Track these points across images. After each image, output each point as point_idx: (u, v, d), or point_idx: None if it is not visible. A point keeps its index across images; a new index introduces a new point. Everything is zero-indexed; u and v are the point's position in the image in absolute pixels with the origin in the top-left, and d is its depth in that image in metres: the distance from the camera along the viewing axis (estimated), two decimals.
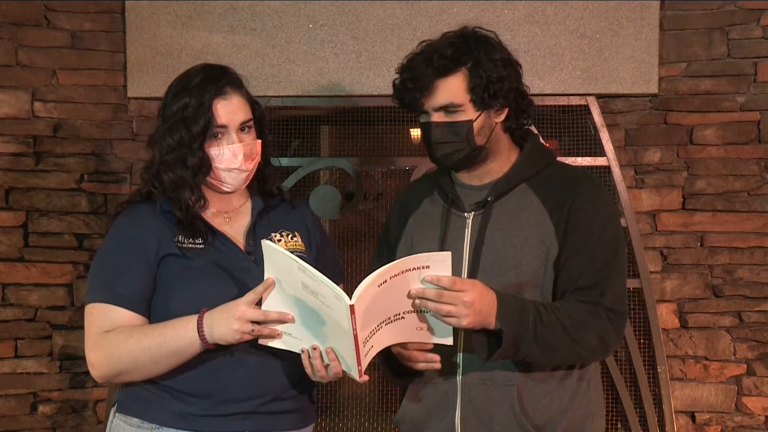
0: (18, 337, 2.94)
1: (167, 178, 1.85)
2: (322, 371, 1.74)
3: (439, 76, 1.83)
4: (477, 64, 1.83)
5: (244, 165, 1.88)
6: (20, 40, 2.96)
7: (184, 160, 1.84)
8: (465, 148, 1.86)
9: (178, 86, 1.87)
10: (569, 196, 1.86)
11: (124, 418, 1.86)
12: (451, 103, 1.84)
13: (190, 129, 1.83)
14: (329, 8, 2.97)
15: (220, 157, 1.86)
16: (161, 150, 1.86)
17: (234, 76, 1.90)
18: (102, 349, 1.79)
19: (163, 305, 1.82)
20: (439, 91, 1.83)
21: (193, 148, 1.83)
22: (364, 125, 3.06)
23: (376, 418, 3.07)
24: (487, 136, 1.88)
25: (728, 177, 2.95)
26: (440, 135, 1.86)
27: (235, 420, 1.81)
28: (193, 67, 1.93)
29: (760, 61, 2.93)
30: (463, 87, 1.83)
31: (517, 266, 1.84)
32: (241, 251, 1.89)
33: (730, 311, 2.95)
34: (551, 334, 1.76)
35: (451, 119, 1.85)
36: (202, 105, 1.82)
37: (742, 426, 2.94)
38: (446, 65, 1.82)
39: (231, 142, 1.86)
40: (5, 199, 2.95)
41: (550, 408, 1.84)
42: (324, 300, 1.66)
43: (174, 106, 1.85)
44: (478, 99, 1.83)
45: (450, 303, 1.67)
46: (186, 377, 1.80)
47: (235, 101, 1.87)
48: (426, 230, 1.97)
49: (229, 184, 1.90)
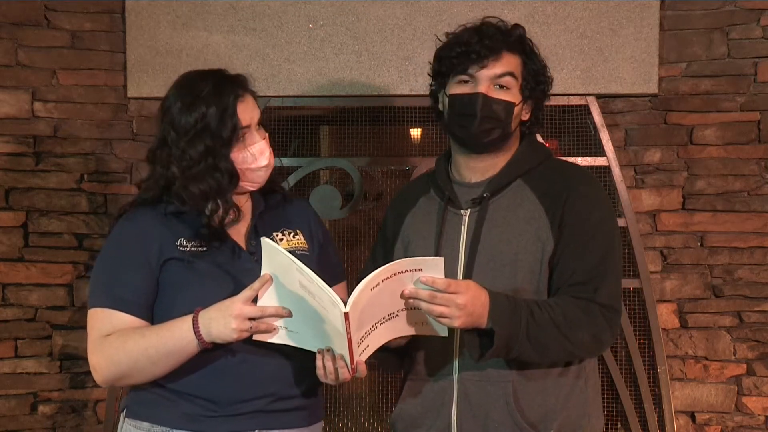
0: (18, 337, 2.94)
1: (197, 190, 1.82)
2: (333, 375, 1.74)
3: (508, 48, 1.90)
4: (531, 56, 1.94)
5: (271, 160, 1.90)
6: (20, 40, 2.96)
7: (214, 169, 1.82)
8: (502, 128, 1.89)
9: (187, 97, 1.83)
10: (564, 192, 1.87)
11: (134, 422, 1.86)
12: (511, 72, 1.89)
13: (219, 136, 1.81)
14: (329, 8, 2.97)
15: (252, 157, 1.86)
16: (182, 164, 1.82)
17: (244, 78, 1.91)
18: (102, 352, 1.80)
19: (166, 309, 1.82)
20: (504, 60, 1.89)
21: (225, 155, 1.82)
22: (364, 125, 3.06)
23: (376, 418, 3.07)
24: (517, 125, 1.94)
25: (728, 177, 2.95)
26: (486, 108, 1.87)
27: (244, 419, 1.81)
28: (186, 77, 1.90)
29: (760, 61, 2.93)
30: (520, 69, 1.92)
31: (513, 262, 1.85)
32: (243, 252, 1.88)
33: (730, 311, 2.95)
34: (544, 333, 1.76)
35: (501, 96, 1.88)
36: (226, 110, 1.81)
37: (742, 426, 2.94)
38: (515, 42, 1.92)
39: (254, 141, 1.86)
40: (5, 199, 2.95)
41: (546, 405, 1.85)
42: (320, 302, 1.66)
43: (190, 117, 1.82)
44: (528, 84, 1.92)
45: (443, 305, 1.68)
46: (193, 379, 1.80)
47: (250, 101, 1.88)
48: (422, 228, 1.97)
49: (255, 182, 1.90)
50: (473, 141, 1.91)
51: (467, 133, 1.89)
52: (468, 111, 1.88)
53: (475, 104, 1.86)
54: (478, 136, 1.88)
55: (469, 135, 1.89)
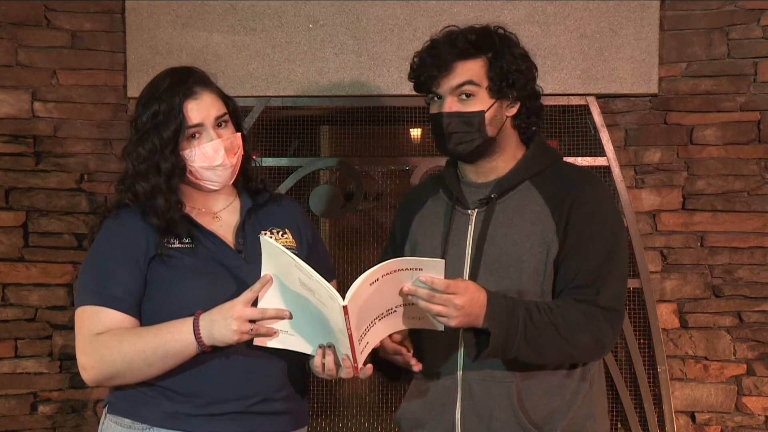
0: (18, 337, 2.94)
1: (141, 188, 1.83)
2: (333, 371, 1.74)
3: (460, 57, 1.86)
4: (498, 55, 1.87)
5: (227, 160, 1.86)
6: (20, 40, 2.96)
7: (158, 166, 1.82)
8: (476, 139, 1.88)
9: (147, 95, 1.86)
10: (570, 195, 1.87)
11: (115, 418, 1.85)
12: (469, 80, 1.86)
13: (162, 134, 1.81)
14: (329, 8, 2.97)
15: (202, 156, 1.84)
16: (134, 161, 1.84)
17: (201, 75, 1.89)
18: (94, 352, 1.79)
19: (154, 306, 1.82)
20: (458, 71, 1.86)
21: (165, 153, 1.82)
22: (364, 125, 3.06)
23: (376, 418, 3.07)
24: (498, 128, 1.90)
25: (728, 177, 2.95)
26: (453, 125, 1.87)
27: (224, 420, 1.80)
28: (159, 73, 1.91)
29: (760, 61, 2.93)
30: (482, 72, 1.87)
31: (518, 263, 1.85)
32: (231, 249, 1.88)
33: (730, 311, 2.95)
34: (541, 335, 1.76)
35: (464, 108, 1.87)
36: (172, 109, 1.81)
37: (742, 426, 2.94)
38: (469, 49, 1.86)
39: (210, 139, 1.85)
40: (5, 199, 2.95)
41: (550, 406, 1.85)
42: (320, 298, 1.66)
43: (144, 115, 1.83)
44: (494, 86, 1.87)
45: (441, 304, 1.68)
46: (177, 376, 1.79)
47: (207, 99, 1.86)
48: (430, 228, 1.98)
49: (214, 182, 1.88)
50: (455, 154, 1.93)
51: (445, 150, 1.93)
52: (438, 131, 1.91)
53: (441, 124, 1.88)
54: (454, 151, 1.90)
55: (447, 151, 1.93)
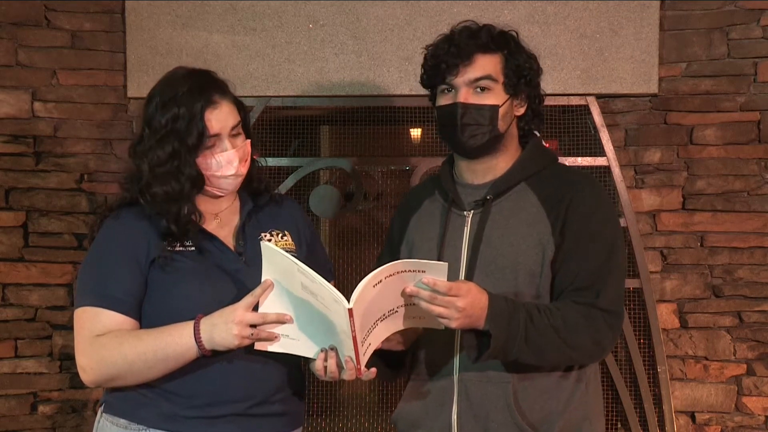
0: (18, 337, 2.94)
1: (160, 191, 1.82)
2: (336, 374, 1.74)
3: (480, 50, 1.89)
4: (514, 52, 1.91)
5: (240, 170, 1.87)
6: (20, 40, 2.96)
7: (178, 172, 1.81)
8: (487, 133, 1.89)
9: (165, 96, 1.83)
10: (567, 196, 1.87)
11: (111, 418, 1.85)
12: (488, 75, 1.87)
13: (184, 141, 1.80)
14: (329, 8, 2.97)
15: (216, 165, 1.84)
16: (151, 162, 1.82)
17: (220, 83, 1.88)
18: (95, 353, 1.78)
19: (154, 308, 1.81)
20: (479, 63, 1.88)
21: (189, 161, 1.81)
22: (364, 125, 3.06)
23: (376, 418, 3.07)
24: (508, 125, 1.92)
25: (728, 177, 2.95)
26: (468, 116, 1.87)
27: (222, 422, 1.80)
28: (173, 73, 1.90)
29: (760, 61, 2.93)
30: (500, 68, 1.90)
31: (514, 264, 1.85)
32: (231, 252, 1.88)
33: (730, 311, 2.95)
34: (542, 337, 1.76)
35: (480, 101, 1.88)
36: (194, 117, 1.80)
37: (742, 426, 2.94)
38: (489, 43, 1.89)
39: (224, 149, 1.84)
40: (5, 199, 2.95)
41: (546, 408, 1.85)
42: (323, 301, 1.66)
43: (163, 117, 1.81)
44: (510, 82, 1.90)
45: (442, 306, 1.68)
46: (177, 379, 1.79)
47: (225, 108, 1.85)
48: (426, 229, 1.98)
49: (224, 189, 1.89)
50: (462, 149, 1.93)
51: (454, 142, 1.92)
52: (449, 122, 1.90)
53: (455, 114, 1.88)
54: (465, 143, 1.90)
55: (457, 144, 1.92)
